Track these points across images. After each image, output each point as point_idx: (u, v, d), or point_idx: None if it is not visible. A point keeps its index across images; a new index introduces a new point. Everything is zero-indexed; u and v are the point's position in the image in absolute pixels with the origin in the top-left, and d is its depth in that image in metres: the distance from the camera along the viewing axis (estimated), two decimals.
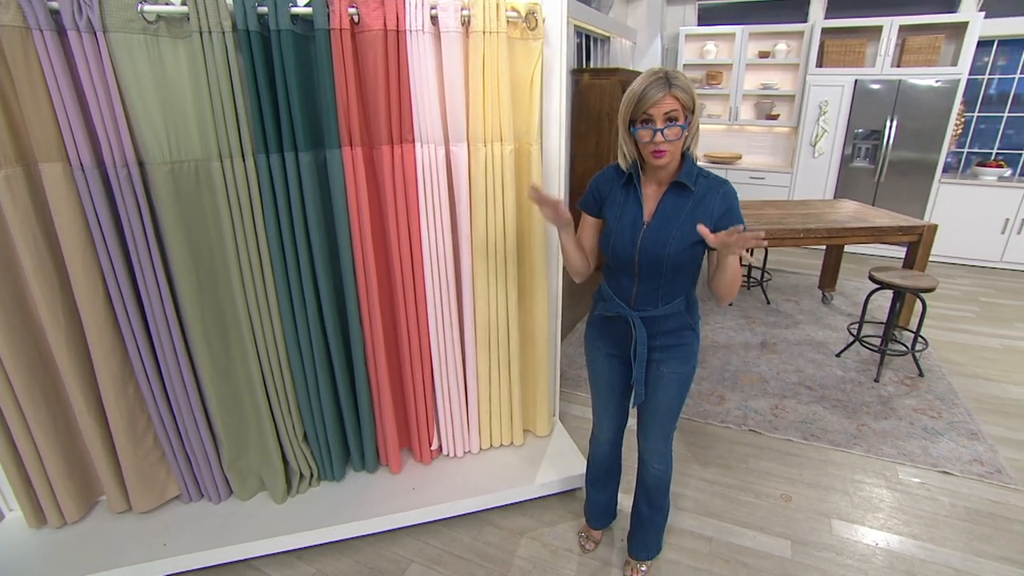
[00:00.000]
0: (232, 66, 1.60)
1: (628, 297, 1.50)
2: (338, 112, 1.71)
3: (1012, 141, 5.10)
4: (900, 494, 2.19)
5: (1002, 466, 2.34)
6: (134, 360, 1.82)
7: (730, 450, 2.47)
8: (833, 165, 5.20)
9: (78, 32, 1.48)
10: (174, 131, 1.65)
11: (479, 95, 1.81)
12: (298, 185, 1.75)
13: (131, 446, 1.90)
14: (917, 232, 3.21)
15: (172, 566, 1.83)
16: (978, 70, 4.95)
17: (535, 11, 1.82)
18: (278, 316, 1.86)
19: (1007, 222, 4.80)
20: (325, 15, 1.63)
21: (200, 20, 1.54)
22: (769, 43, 5.45)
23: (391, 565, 1.89)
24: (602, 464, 1.86)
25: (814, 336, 3.59)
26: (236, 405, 1.97)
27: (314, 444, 2.07)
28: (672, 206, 1.42)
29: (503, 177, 1.92)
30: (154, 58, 1.59)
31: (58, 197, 1.59)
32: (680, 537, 1.98)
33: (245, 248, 1.75)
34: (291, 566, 1.91)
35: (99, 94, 1.54)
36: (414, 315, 1.99)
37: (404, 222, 1.87)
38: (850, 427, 2.62)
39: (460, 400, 2.16)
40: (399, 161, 1.81)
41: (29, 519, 1.91)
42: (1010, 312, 4.02)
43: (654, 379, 1.56)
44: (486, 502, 2.07)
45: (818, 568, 1.85)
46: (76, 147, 1.57)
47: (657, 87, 1.30)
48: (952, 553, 1.91)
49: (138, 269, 1.71)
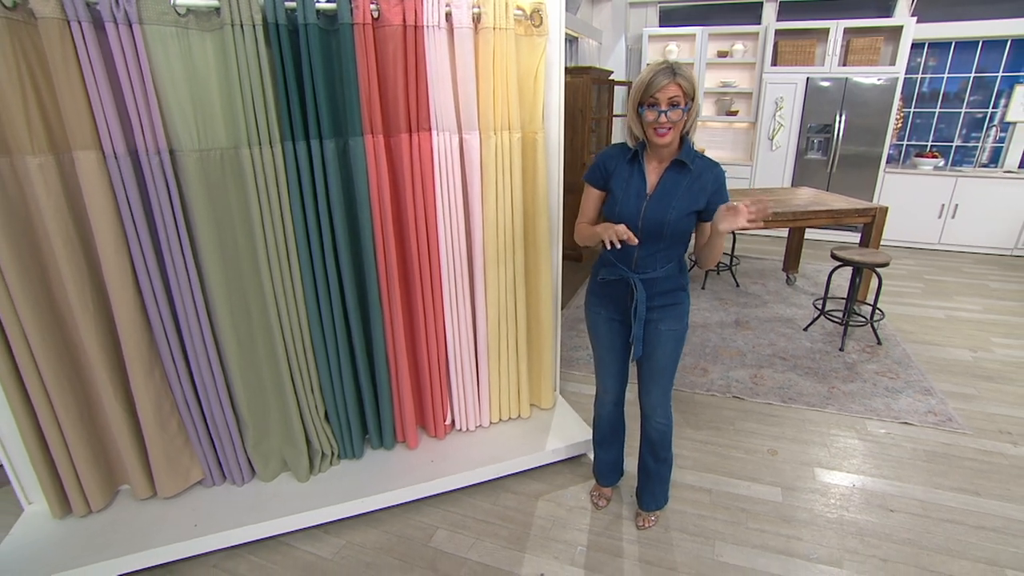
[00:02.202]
0: (262, 58, 1.69)
1: (630, 261, 1.67)
2: (360, 102, 1.82)
3: (944, 134, 5.59)
4: (870, 443, 2.45)
5: (952, 415, 2.64)
6: (160, 344, 1.87)
7: (718, 415, 2.68)
8: (789, 157, 5.57)
9: (115, 24, 1.53)
10: (202, 120, 1.72)
11: (489, 87, 1.95)
12: (322, 171, 1.85)
13: (158, 430, 1.94)
14: (871, 214, 3.53)
15: (205, 545, 1.88)
16: (913, 70, 5.41)
17: (540, 9, 1.98)
18: (302, 298, 1.94)
19: (943, 207, 5.27)
20: (349, 11, 1.73)
21: (232, 14, 1.62)
22: (727, 43, 5.78)
23: (418, 532, 2.00)
24: (608, 425, 2.02)
25: (782, 313, 3.88)
26: (260, 387, 2.03)
27: (335, 423, 2.15)
28: (672, 180, 1.60)
29: (511, 163, 2.06)
30: (184, 49, 1.65)
31: (91, 184, 1.64)
32: (683, 491, 2.17)
33: (272, 232, 1.83)
34: (320, 540, 1.98)
35: (134, 84, 1.60)
36: (430, 296, 2.10)
37: (421, 206, 1.99)
38: (822, 390, 2.88)
39: (472, 376, 2.28)
40: (417, 148, 1.93)
41: (54, 509, 1.92)
42: (950, 287, 4.43)
43: (653, 337, 1.73)
44: (501, 470, 2.20)
45: (807, 508, 2.07)
46: (110, 135, 1.62)
47: (664, 75, 1.48)
48: (916, 487, 2.17)
49: (167, 253, 1.77)
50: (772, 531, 1.97)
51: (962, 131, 5.52)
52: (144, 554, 1.82)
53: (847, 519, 2.01)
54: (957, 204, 5.20)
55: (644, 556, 1.86)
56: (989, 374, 3.04)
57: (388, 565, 1.86)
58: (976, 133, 5.49)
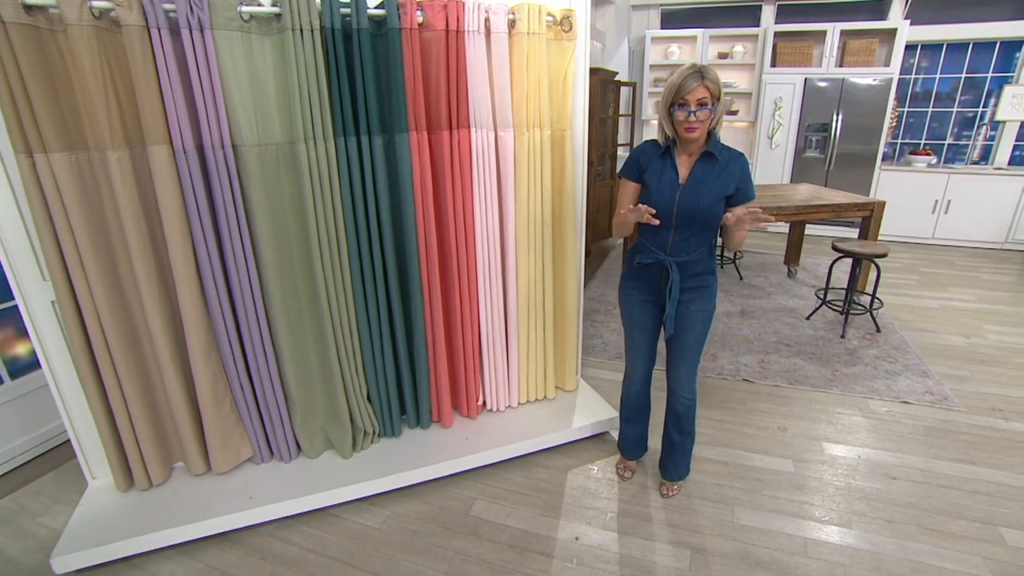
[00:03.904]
0: (318, 60, 1.83)
1: (665, 245, 1.83)
2: (406, 101, 1.96)
3: (936, 132, 5.80)
4: (872, 420, 2.62)
5: (947, 395, 2.82)
6: (218, 327, 2.00)
7: (729, 396, 2.84)
8: (788, 156, 5.76)
9: (189, 30, 1.67)
10: (260, 117, 1.85)
11: (523, 87, 2.10)
12: (370, 165, 1.99)
13: (213, 409, 2.07)
14: (869, 208, 3.71)
15: (261, 515, 2.02)
16: (907, 70, 5.62)
17: (569, 15, 2.13)
18: (350, 283, 2.08)
19: (936, 203, 5.47)
20: (397, 16, 1.88)
21: (293, 19, 1.76)
22: (727, 45, 5.96)
23: (457, 504, 2.14)
24: (635, 401, 2.17)
25: (785, 304, 4.05)
26: (307, 368, 2.17)
27: (376, 403, 2.29)
28: (703, 170, 1.76)
29: (542, 158, 2.21)
30: (246, 52, 1.79)
31: (162, 176, 1.77)
32: (701, 463, 2.32)
33: (324, 221, 1.96)
34: (366, 511, 2.12)
35: (203, 84, 1.73)
36: (466, 283, 2.25)
37: (460, 197, 2.13)
38: (826, 373, 3.05)
39: (503, 359, 2.43)
40: (456, 144, 2.07)
41: (119, 482, 2.05)
42: (944, 279, 4.62)
43: (683, 317, 1.89)
44: (531, 446, 2.35)
45: (817, 477, 2.23)
46: (180, 131, 1.75)
47: (693, 79, 1.64)
48: (916, 458, 2.34)
49: (227, 241, 1.91)
50: (785, 497, 2.13)
51: (954, 129, 5.73)
52: (206, 523, 1.95)
53: (854, 486, 2.18)
54: (950, 200, 5.40)
55: (670, 520, 2.02)
56: (982, 358, 3.22)
57: (432, 532, 2.00)
58: (967, 131, 5.70)
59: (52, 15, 1.59)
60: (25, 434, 2.39)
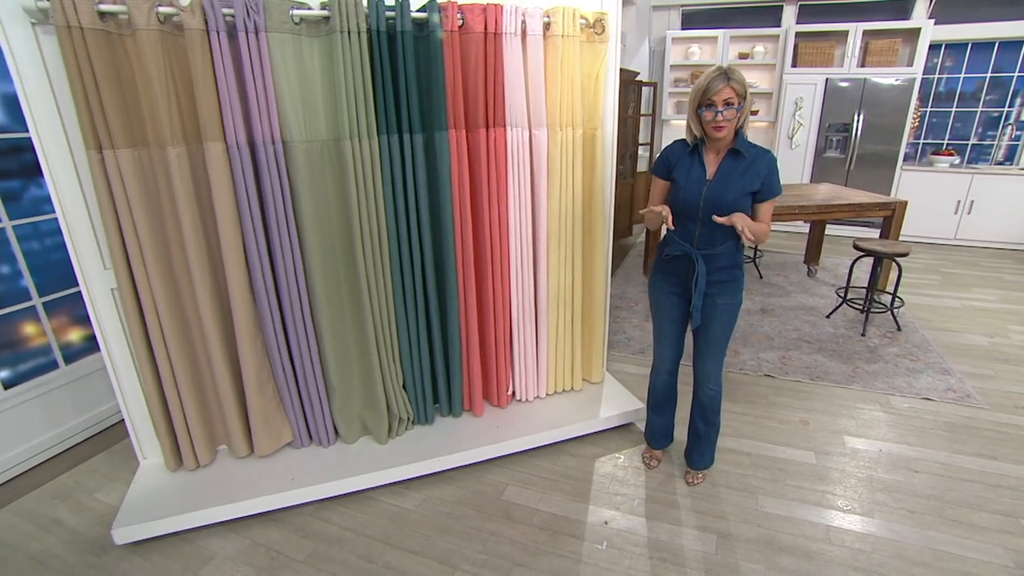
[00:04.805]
0: (364, 60, 1.91)
1: (692, 239, 1.90)
2: (446, 100, 2.04)
3: (960, 132, 5.77)
4: (894, 416, 2.66)
5: (970, 392, 2.84)
6: (263, 315, 2.10)
7: (751, 390, 2.89)
8: (808, 155, 5.77)
9: (246, 32, 1.77)
10: (308, 115, 1.95)
11: (556, 88, 2.18)
12: (411, 161, 2.08)
13: (258, 394, 2.17)
14: (891, 207, 3.73)
15: (302, 496, 2.11)
16: (930, 70, 5.60)
17: (602, 19, 2.20)
18: (390, 275, 2.17)
19: (959, 203, 5.45)
20: (439, 19, 1.96)
21: (341, 22, 1.85)
22: (748, 45, 5.98)
23: (490, 488, 2.23)
24: (662, 391, 2.24)
25: (805, 302, 4.08)
26: (347, 356, 2.26)
27: (411, 391, 2.38)
28: (730, 167, 1.83)
29: (573, 156, 2.29)
30: (296, 53, 1.89)
31: (216, 171, 1.87)
32: (725, 454, 2.38)
33: (367, 215, 2.05)
34: (402, 495, 2.21)
35: (256, 83, 1.83)
36: (499, 277, 2.33)
37: (495, 193, 2.21)
38: (847, 370, 3.08)
39: (532, 351, 2.51)
40: (493, 142, 2.15)
41: (169, 462, 2.16)
42: (966, 280, 4.62)
43: (710, 310, 1.95)
44: (560, 435, 2.43)
45: (839, 469, 2.28)
46: (234, 128, 1.86)
47: (719, 80, 1.71)
48: (938, 453, 2.38)
49: (274, 234, 2.00)
50: (808, 487, 2.18)
51: (978, 130, 5.70)
52: (251, 502, 2.05)
53: (876, 478, 2.23)
54: (973, 200, 5.38)
55: (696, 507, 2.09)
56: (1006, 357, 3.24)
57: (467, 515, 2.09)
58: (992, 132, 5.67)
59: (121, 20, 1.69)
60: (78, 416, 2.51)
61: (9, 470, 2.29)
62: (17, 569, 1.85)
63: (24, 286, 2.35)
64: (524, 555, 1.89)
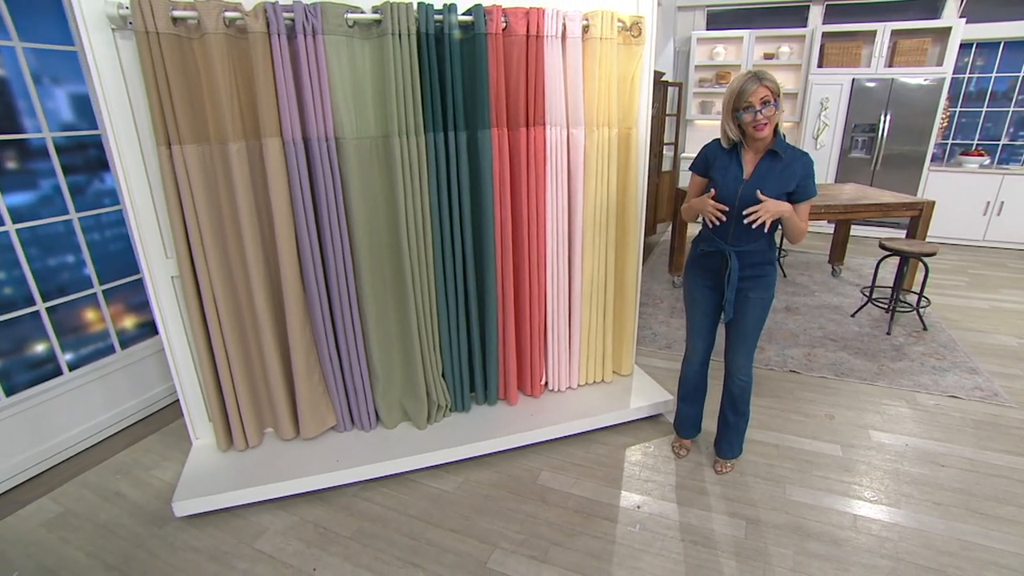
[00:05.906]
0: (413, 62, 2.01)
1: (726, 236, 1.96)
2: (489, 100, 2.13)
3: (990, 133, 5.72)
4: (920, 412, 2.69)
5: (997, 391, 2.86)
6: (312, 305, 2.21)
7: (777, 386, 2.95)
8: (833, 156, 5.76)
9: (304, 36, 1.88)
10: (359, 113, 2.05)
11: (594, 88, 2.26)
12: (455, 158, 2.17)
13: (305, 379, 2.28)
14: (918, 207, 3.74)
15: (347, 477, 2.22)
16: (960, 69, 5.56)
17: (639, 22, 2.27)
18: (433, 268, 2.27)
19: (988, 204, 5.40)
20: (484, 22, 2.05)
21: (393, 25, 1.95)
22: (773, 45, 5.98)
23: (525, 473, 2.32)
24: (692, 382, 2.31)
25: (830, 301, 4.11)
26: (389, 344, 2.37)
27: (450, 380, 2.47)
28: (766, 167, 1.89)
29: (609, 154, 2.36)
30: (349, 55, 1.99)
31: (273, 165, 1.98)
32: (752, 445, 2.44)
33: (413, 208, 2.15)
34: (441, 477, 2.31)
35: (313, 83, 1.94)
36: (536, 270, 2.41)
37: (534, 189, 2.30)
38: (872, 367, 3.12)
39: (566, 343, 2.59)
40: (533, 140, 2.24)
41: (220, 442, 2.28)
42: (994, 281, 4.60)
43: (742, 304, 2.02)
44: (591, 423, 2.51)
45: (865, 462, 2.33)
46: (291, 125, 1.96)
47: (752, 82, 1.78)
48: (965, 448, 2.41)
49: (325, 226, 2.11)
50: (835, 478, 2.24)
51: (1009, 129, 5.64)
52: (299, 481, 2.16)
53: (902, 471, 2.27)
54: (1003, 201, 5.34)
55: (725, 494, 2.15)
56: None
57: (504, 497, 2.18)
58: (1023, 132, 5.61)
59: (191, 25, 1.81)
60: (133, 398, 2.66)
61: (74, 446, 2.44)
62: (90, 536, 1.99)
63: (87, 274, 2.49)
64: (560, 535, 1.98)
